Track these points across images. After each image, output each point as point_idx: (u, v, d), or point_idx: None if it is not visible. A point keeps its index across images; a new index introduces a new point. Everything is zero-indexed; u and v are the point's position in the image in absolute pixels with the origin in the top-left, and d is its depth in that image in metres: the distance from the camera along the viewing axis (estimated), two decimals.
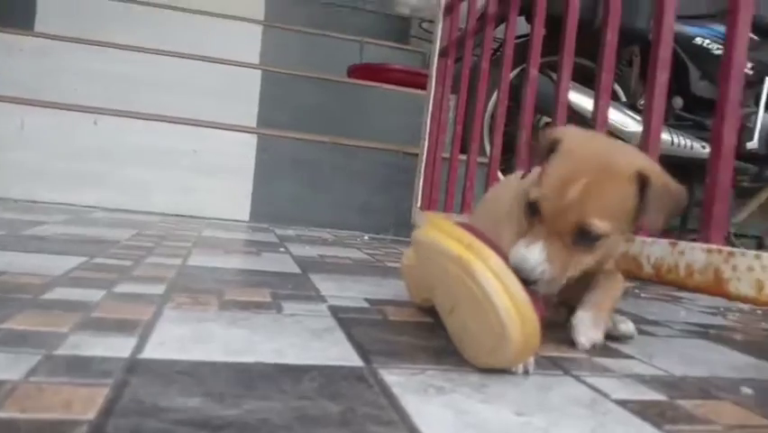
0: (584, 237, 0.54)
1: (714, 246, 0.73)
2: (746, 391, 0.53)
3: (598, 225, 0.53)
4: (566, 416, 0.42)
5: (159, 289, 0.69)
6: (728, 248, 0.71)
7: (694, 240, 0.82)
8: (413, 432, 0.37)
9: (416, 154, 1.93)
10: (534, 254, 0.53)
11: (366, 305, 0.72)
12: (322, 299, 0.73)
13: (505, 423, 0.40)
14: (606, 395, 0.48)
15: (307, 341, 0.53)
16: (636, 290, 1.19)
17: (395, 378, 0.46)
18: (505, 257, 0.52)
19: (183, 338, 0.51)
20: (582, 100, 1.98)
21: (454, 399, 0.43)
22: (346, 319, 0.63)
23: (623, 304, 0.96)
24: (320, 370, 0.46)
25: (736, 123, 0.77)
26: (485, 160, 1.62)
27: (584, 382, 0.50)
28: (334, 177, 1.99)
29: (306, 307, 0.67)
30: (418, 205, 1.87)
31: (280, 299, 0.70)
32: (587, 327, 0.59)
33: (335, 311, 0.67)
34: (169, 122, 1.88)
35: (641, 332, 0.75)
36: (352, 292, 0.79)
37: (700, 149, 2.72)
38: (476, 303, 0.47)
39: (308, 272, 0.92)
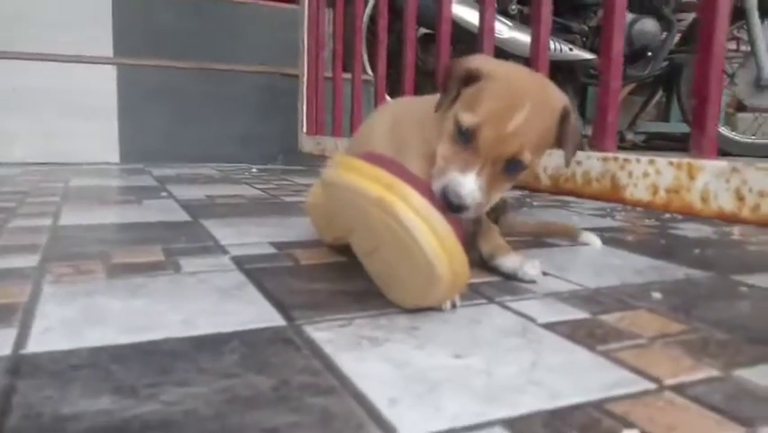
0: (513, 167, 0.53)
1: (610, 154, 0.75)
2: (656, 296, 0.55)
3: (529, 156, 0.52)
4: (503, 350, 0.41)
5: (32, 260, 0.60)
6: (623, 155, 0.73)
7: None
8: (357, 398, 0.34)
9: (296, 75, 1.84)
10: (470, 181, 0.51)
11: (273, 250, 0.68)
12: (222, 249, 0.67)
13: (446, 369, 0.38)
14: (533, 320, 0.47)
15: (218, 304, 0.49)
16: (528, 200, 1.22)
17: (323, 334, 0.43)
18: (428, 189, 0.50)
19: (72, 320, 0.44)
20: (460, 10, 1.96)
21: (389, 349, 0.41)
22: (255, 271, 0.59)
23: (521, 216, 0.98)
24: (240, 337, 0.42)
25: (623, 29, 0.77)
26: (369, 77, 1.57)
27: (510, 309, 0.50)
28: (208, 106, 1.86)
29: (208, 261, 0.62)
30: (304, 130, 1.80)
31: (176, 255, 0.64)
32: (527, 265, 0.58)
33: (241, 262, 0.62)
34: (16, 58, 1.65)
35: (545, 244, 0.76)
36: (253, 237, 0.74)
37: (568, 51, 2.81)
38: (401, 245, 0.44)
39: (200, 219, 0.86)
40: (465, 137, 0.52)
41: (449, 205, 0.51)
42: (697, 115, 0.65)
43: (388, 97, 1.53)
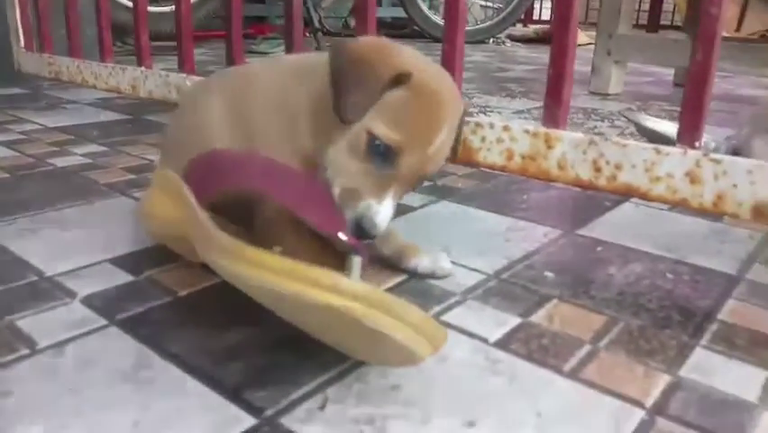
0: (420, 181, 0.52)
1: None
2: (550, 275, 0.59)
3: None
4: (499, 402, 0.40)
5: None
6: (474, 119, 0.73)
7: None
8: None
9: None
10: (387, 208, 0.48)
11: (126, 275, 0.55)
12: (60, 287, 0.52)
13: None
14: (485, 340, 0.47)
15: (143, 405, 0.38)
16: None
17: (315, 430, 0.37)
18: (328, 204, 0.48)
19: None
20: None
21: None
22: (134, 324, 0.47)
23: None
24: None
25: None
26: None
27: (453, 327, 0.49)
28: None
29: (60, 317, 0.47)
30: (21, 44, 1.44)
31: (3, 311, 0.48)
32: (441, 260, 0.57)
33: (105, 310, 0.49)
34: None
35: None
36: (81, 254, 0.58)
37: None
38: (365, 335, 0.37)
39: None
40: (381, 155, 0.48)
41: (361, 234, 0.47)
42: (552, 88, 0.67)
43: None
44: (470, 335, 0.48)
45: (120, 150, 0.98)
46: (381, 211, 0.48)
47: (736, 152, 0.85)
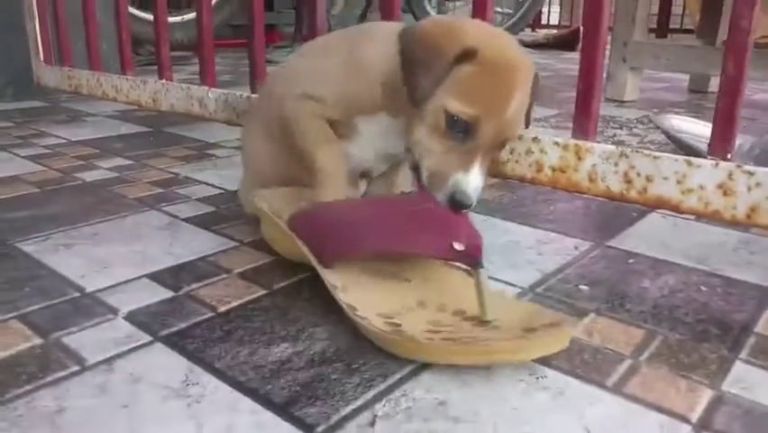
0: (503, 145, 0.55)
1: None
2: (584, 288, 0.59)
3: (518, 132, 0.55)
4: (548, 418, 0.40)
5: None
6: None
7: None
8: None
9: None
10: (475, 178, 0.52)
11: (166, 291, 0.55)
12: (101, 303, 0.53)
13: None
14: (547, 364, 0.47)
15: (197, 424, 0.39)
16: None
17: None
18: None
19: None
20: None
21: None
22: (177, 339, 0.47)
23: None
24: None
25: None
26: None
27: None
28: None
29: (106, 334, 0.48)
30: (41, 57, 1.46)
31: (51, 329, 0.48)
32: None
33: (148, 327, 0.49)
34: None
35: None
36: (119, 270, 0.59)
37: None
38: None
39: (9, 241, 0.66)
40: (461, 131, 0.51)
41: (457, 206, 0.51)
42: (582, 101, 0.68)
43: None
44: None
45: (145, 163, 0.99)
46: (471, 181, 0.52)
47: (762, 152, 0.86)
